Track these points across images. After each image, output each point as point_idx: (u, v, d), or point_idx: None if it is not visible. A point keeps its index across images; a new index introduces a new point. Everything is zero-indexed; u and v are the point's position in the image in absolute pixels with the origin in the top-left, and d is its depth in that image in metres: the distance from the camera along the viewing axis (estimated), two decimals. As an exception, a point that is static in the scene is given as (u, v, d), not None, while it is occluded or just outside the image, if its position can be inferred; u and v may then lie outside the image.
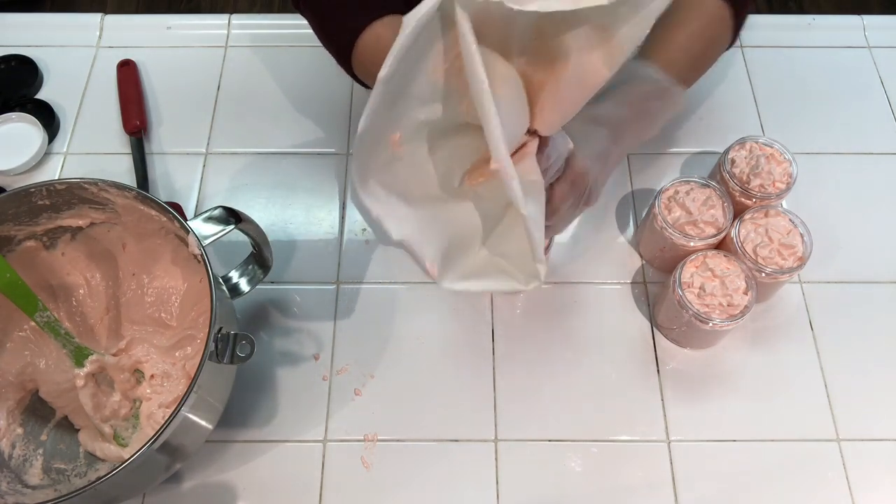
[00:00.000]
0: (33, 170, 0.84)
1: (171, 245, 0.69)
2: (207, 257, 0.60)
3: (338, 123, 0.87)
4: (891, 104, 0.89)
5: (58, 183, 0.63)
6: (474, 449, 0.69)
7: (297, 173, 0.84)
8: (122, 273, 0.71)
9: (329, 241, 0.80)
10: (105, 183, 0.63)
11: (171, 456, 0.60)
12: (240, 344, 0.58)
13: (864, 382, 0.73)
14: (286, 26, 0.94)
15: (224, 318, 0.59)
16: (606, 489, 0.68)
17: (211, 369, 0.57)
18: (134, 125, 0.85)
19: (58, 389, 0.67)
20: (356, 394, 0.72)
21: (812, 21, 0.95)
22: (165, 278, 0.71)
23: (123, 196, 0.64)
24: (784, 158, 0.76)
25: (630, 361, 0.74)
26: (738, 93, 0.90)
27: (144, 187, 0.81)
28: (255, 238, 0.66)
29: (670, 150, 0.86)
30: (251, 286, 0.69)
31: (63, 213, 0.67)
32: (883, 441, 0.70)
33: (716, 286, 0.68)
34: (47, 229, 0.68)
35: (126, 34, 0.94)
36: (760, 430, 0.70)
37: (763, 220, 0.72)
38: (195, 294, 0.69)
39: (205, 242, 0.61)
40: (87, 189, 0.64)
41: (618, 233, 0.81)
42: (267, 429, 0.70)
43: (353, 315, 0.76)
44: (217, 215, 0.63)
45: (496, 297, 0.77)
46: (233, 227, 0.63)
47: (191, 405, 0.56)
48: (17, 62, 0.90)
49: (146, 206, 0.64)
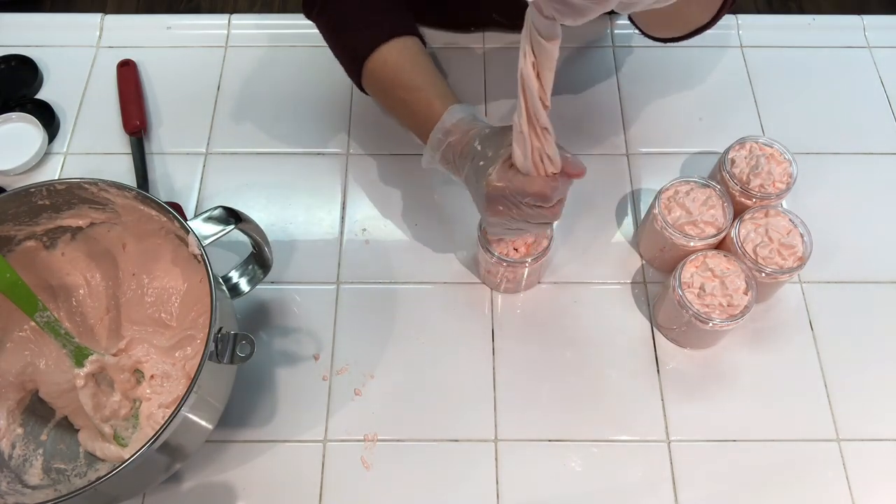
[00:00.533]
0: (33, 170, 0.84)
1: (171, 245, 0.69)
2: (207, 257, 0.60)
3: (338, 123, 0.87)
4: (891, 104, 0.89)
5: (58, 183, 0.63)
6: (474, 449, 0.69)
7: (297, 173, 0.84)
8: (122, 273, 0.71)
9: (329, 241, 0.80)
10: (105, 183, 0.63)
11: (171, 456, 0.60)
12: (240, 344, 0.58)
13: (864, 382, 0.73)
14: (286, 26, 0.94)
15: (224, 318, 0.59)
16: (606, 489, 0.68)
17: (211, 369, 0.57)
18: (134, 125, 0.85)
19: (58, 389, 0.67)
20: (356, 394, 0.72)
21: (812, 21, 0.95)
22: (165, 278, 0.71)
23: (123, 196, 0.64)
24: (784, 158, 0.76)
25: (630, 361, 0.74)
26: (738, 93, 0.90)
27: (144, 187, 0.81)
28: (256, 238, 0.66)
29: (670, 150, 0.86)
30: (251, 286, 0.69)
31: (63, 213, 0.67)
32: (883, 441, 0.70)
33: (716, 286, 0.68)
34: (47, 229, 0.68)
35: (126, 34, 0.94)
36: (760, 430, 0.70)
37: (763, 220, 0.72)
38: (195, 294, 0.69)
39: (205, 242, 0.61)
40: (87, 189, 0.64)
41: (618, 233, 0.81)
42: (267, 429, 0.70)
43: (353, 315, 0.76)
44: (217, 215, 0.63)
45: (496, 297, 0.77)
46: (233, 227, 0.63)
47: (191, 405, 0.56)
48: (17, 62, 0.90)
49: (146, 206, 0.64)
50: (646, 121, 0.88)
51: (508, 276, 0.74)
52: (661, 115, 0.88)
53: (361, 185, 0.83)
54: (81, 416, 0.66)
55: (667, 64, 0.92)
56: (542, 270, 0.77)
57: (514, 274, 0.73)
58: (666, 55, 0.92)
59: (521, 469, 0.69)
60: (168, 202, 0.79)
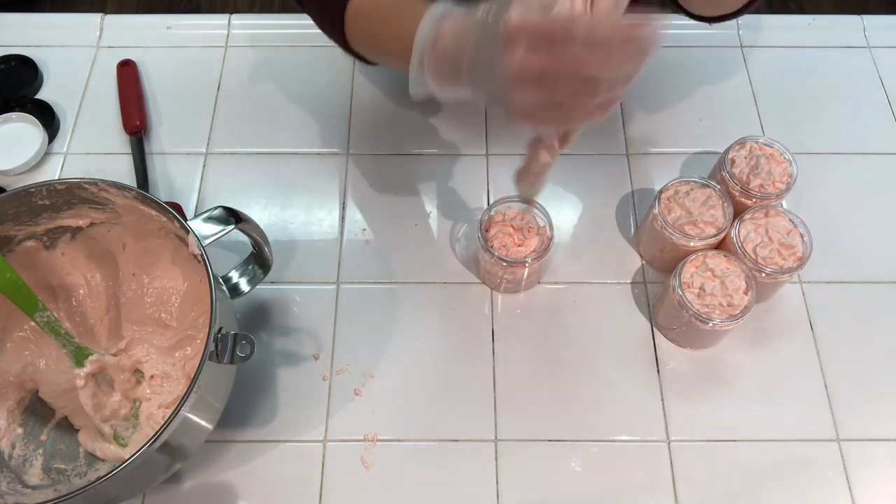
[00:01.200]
0: (33, 170, 0.84)
1: (171, 245, 0.69)
2: (207, 257, 0.60)
3: (338, 123, 0.87)
4: (891, 104, 0.89)
5: (58, 183, 0.63)
6: (474, 449, 0.69)
7: (297, 173, 0.84)
8: (122, 273, 0.71)
9: (329, 241, 0.80)
10: (105, 183, 0.63)
11: (171, 456, 0.60)
12: (240, 344, 0.58)
13: (864, 382, 0.73)
14: (286, 26, 0.94)
15: (224, 318, 0.59)
16: (606, 489, 0.68)
17: (211, 369, 0.57)
18: (134, 125, 0.85)
19: (58, 390, 0.67)
20: (356, 394, 0.72)
21: (812, 21, 0.95)
22: (165, 278, 0.71)
23: (123, 196, 0.64)
24: (784, 158, 0.76)
25: (630, 361, 0.74)
26: (738, 93, 0.90)
27: (144, 187, 0.81)
28: (256, 238, 0.66)
29: (670, 150, 0.86)
30: (251, 286, 0.69)
31: (63, 213, 0.67)
32: (883, 441, 0.70)
33: (716, 286, 0.68)
34: (47, 229, 0.68)
35: (126, 34, 0.94)
36: (760, 430, 0.70)
37: (763, 220, 0.72)
38: (195, 294, 0.69)
39: (205, 242, 0.61)
40: (87, 189, 0.64)
41: (618, 233, 0.81)
42: (267, 429, 0.70)
43: (353, 315, 0.76)
44: (217, 215, 0.63)
45: (496, 296, 0.77)
46: (233, 227, 0.63)
47: (191, 405, 0.56)
48: (17, 62, 0.90)
49: (146, 206, 0.64)
50: (646, 121, 0.88)
51: (508, 277, 0.74)
52: (660, 115, 0.88)
53: (361, 185, 0.83)
54: (81, 416, 0.66)
55: (667, 64, 0.91)
56: (543, 270, 0.77)
57: (513, 274, 0.73)
58: (666, 55, 0.92)
59: (521, 469, 0.69)
60: (168, 202, 0.79)
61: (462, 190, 0.83)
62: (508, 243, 0.72)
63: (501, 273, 0.73)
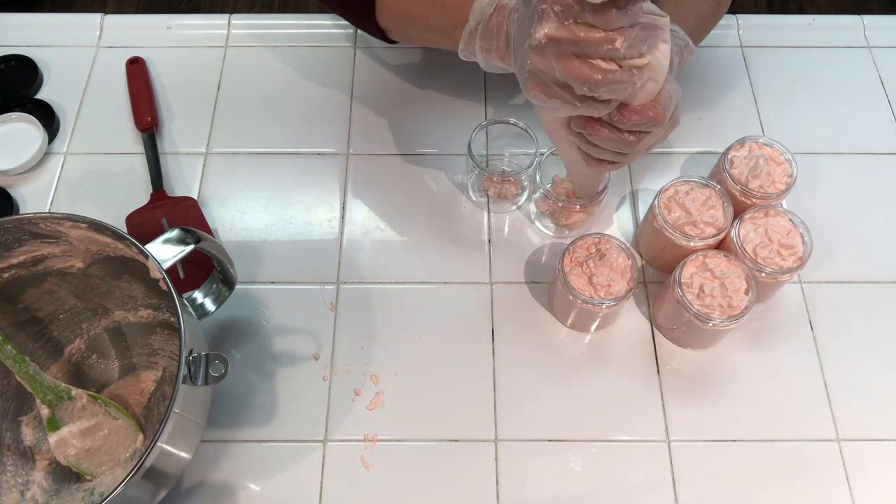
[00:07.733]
0: (33, 170, 0.84)
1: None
2: (168, 281, 0.58)
3: (338, 123, 0.87)
4: (891, 104, 0.89)
5: (5, 222, 0.60)
6: (474, 449, 0.69)
7: (297, 173, 0.84)
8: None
9: (329, 241, 0.80)
10: (57, 216, 0.60)
11: (152, 487, 0.59)
12: (213, 364, 0.56)
13: (864, 382, 0.73)
14: (286, 26, 0.94)
15: (193, 339, 0.58)
16: (606, 489, 0.68)
17: (185, 392, 0.55)
18: (146, 122, 0.85)
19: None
20: (356, 394, 0.72)
21: (812, 21, 0.95)
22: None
23: (77, 227, 0.61)
24: (784, 158, 0.76)
25: (630, 361, 0.74)
26: (738, 93, 0.90)
27: (158, 184, 0.81)
28: (218, 256, 0.65)
29: (670, 150, 0.86)
30: (217, 305, 0.68)
31: (14, 252, 0.63)
32: (883, 441, 0.70)
33: (716, 286, 0.68)
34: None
35: (126, 34, 0.94)
36: (760, 430, 0.70)
37: (763, 220, 0.72)
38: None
39: (164, 265, 0.59)
40: (37, 224, 0.61)
41: (618, 233, 0.81)
42: (267, 429, 0.70)
43: (353, 315, 0.76)
44: (175, 236, 0.62)
45: (496, 296, 0.77)
46: (192, 248, 0.62)
47: (157, 453, 0.54)
48: (17, 62, 0.90)
49: (101, 235, 0.61)
50: (646, 121, 0.88)
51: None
52: (661, 115, 0.88)
53: (361, 185, 0.83)
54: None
55: (667, 64, 0.91)
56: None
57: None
58: (666, 55, 0.92)
59: (521, 469, 0.69)
60: (182, 197, 0.80)
61: (462, 190, 0.83)
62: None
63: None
